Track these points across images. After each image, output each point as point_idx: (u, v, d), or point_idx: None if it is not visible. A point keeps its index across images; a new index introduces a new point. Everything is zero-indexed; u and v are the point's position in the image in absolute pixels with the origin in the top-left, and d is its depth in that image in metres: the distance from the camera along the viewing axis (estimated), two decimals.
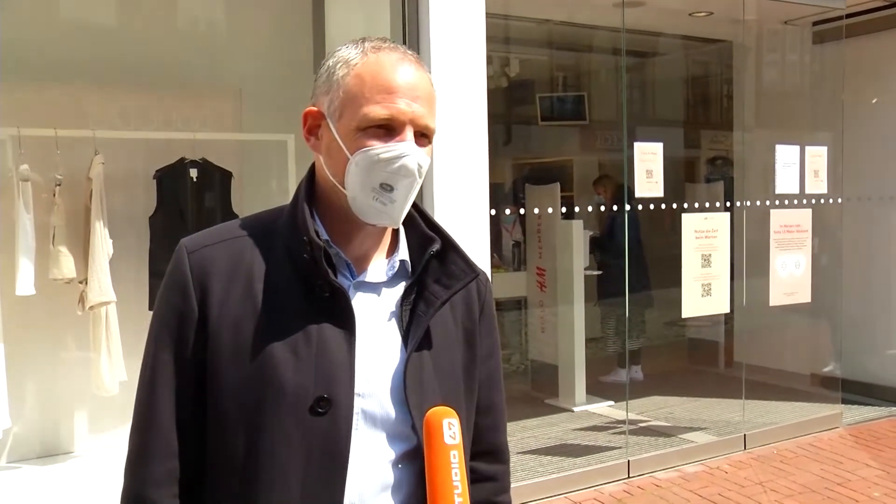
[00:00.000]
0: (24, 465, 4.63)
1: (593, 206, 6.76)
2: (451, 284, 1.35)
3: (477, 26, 4.19)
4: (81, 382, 4.61)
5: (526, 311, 7.40)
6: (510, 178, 9.59)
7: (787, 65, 7.39)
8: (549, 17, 6.98)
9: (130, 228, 4.66)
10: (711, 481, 5.01)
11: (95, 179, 4.32)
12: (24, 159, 4.20)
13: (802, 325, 6.57)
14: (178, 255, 1.31)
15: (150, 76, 4.81)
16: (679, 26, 7.36)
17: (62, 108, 4.56)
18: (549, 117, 9.06)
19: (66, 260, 4.27)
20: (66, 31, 4.79)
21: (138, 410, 1.30)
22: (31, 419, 4.70)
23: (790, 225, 5.68)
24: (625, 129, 5.32)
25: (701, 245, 5.24)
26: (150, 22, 5.01)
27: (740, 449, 5.56)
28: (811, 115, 6.79)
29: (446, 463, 1.20)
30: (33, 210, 4.21)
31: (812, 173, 5.78)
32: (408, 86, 1.27)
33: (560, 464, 5.15)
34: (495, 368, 1.50)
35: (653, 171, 5.04)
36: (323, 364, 1.24)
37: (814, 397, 6.47)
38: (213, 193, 4.76)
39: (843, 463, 5.29)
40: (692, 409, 6.43)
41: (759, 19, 6.63)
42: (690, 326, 7.95)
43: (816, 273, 5.89)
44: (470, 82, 4.17)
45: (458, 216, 4.11)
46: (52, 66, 4.57)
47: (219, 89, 5.15)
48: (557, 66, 9.43)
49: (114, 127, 4.68)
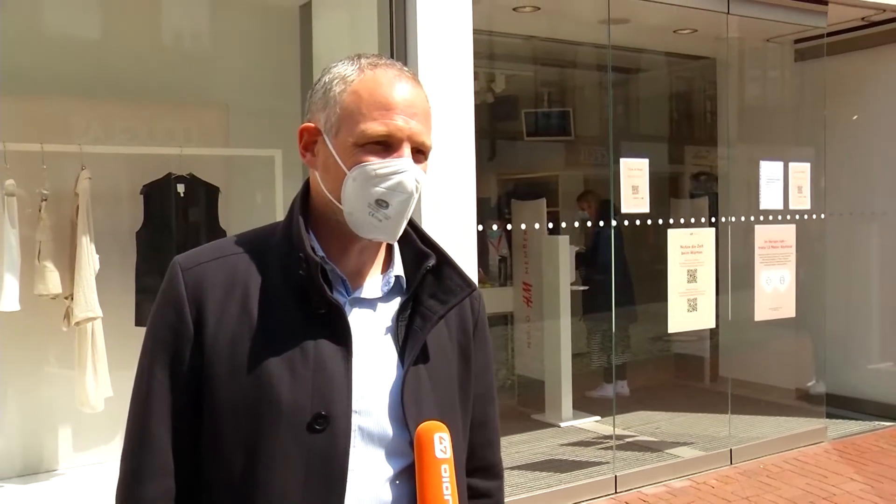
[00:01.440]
0: (5, 483, 4.57)
1: (579, 222, 6.79)
2: (446, 300, 1.35)
3: (464, 42, 4.21)
4: (66, 399, 4.57)
5: (512, 326, 7.40)
6: (496, 193, 9.61)
7: (770, 82, 7.47)
8: (534, 33, 7.02)
9: (117, 244, 4.63)
10: (698, 496, 5.01)
11: (82, 194, 4.30)
12: (10, 174, 4.18)
13: (787, 340, 6.61)
14: (173, 272, 1.30)
15: (136, 91, 4.80)
16: (663, 43, 7.43)
17: (48, 123, 4.54)
18: (534, 133, 9.09)
19: (51, 275, 4.24)
20: (53, 45, 4.77)
21: (132, 428, 1.29)
22: (14, 436, 4.65)
23: (775, 240, 5.72)
24: (611, 144, 5.35)
25: (686, 260, 5.27)
26: (137, 36, 5.00)
27: (727, 463, 5.57)
28: (794, 132, 6.86)
29: (437, 477, 1.20)
30: (18, 225, 4.18)
31: (796, 189, 5.83)
32: (405, 102, 1.27)
33: (547, 479, 5.14)
34: (490, 383, 1.51)
35: (639, 187, 5.07)
36: (320, 381, 1.24)
37: (799, 412, 6.50)
38: (200, 208, 4.75)
39: (829, 477, 5.31)
40: (679, 423, 6.45)
41: (742, 37, 6.70)
42: (676, 341, 7.98)
43: (800, 288, 5.93)
44: (457, 97, 4.19)
45: (446, 231, 4.11)
46: (38, 80, 4.56)
47: (206, 104, 5.15)
48: (543, 82, 9.47)
49: (100, 142, 4.66)
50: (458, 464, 1.33)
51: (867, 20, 6.44)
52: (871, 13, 6.28)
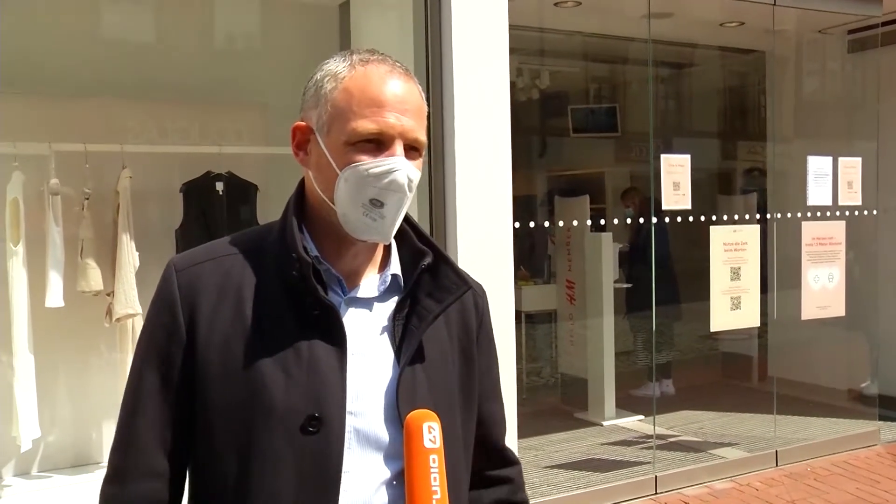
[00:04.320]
0: (55, 475, 4.68)
1: (622, 219, 6.70)
2: (443, 298, 1.33)
3: (500, 38, 4.17)
4: (110, 393, 4.65)
5: (556, 324, 7.35)
6: (543, 190, 9.55)
7: (822, 74, 7.28)
8: (579, 28, 6.95)
9: (156, 241, 4.69)
10: (741, 499, 4.90)
11: (122, 193, 4.37)
12: (55, 173, 4.27)
13: (837, 340, 6.43)
14: (167, 273, 1.30)
15: (176, 90, 4.86)
16: (710, 37, 7.28)
17: (91, 123, 4.62)
18: (581, 129, 9.01)
19: (93, 272, 4.32)
20: (95, 46, 4.86)
21: (120, 428, 1.30)
22: (61, 429, 4.75)
23: (823, 237, 5.57)
24: (651, 140, 5.27)
25: (730, 258, 5.16)
26: (176, 37, 5.07)
27: (772, 465, 5.44)
28: (846, 126, 6.66)
29: (425, 467, 1.18)
30: (63, 223, 4.27)
31: (846, 184, 5.67)
32: (396, 99, 1.25)
33: (587, 479, 5.09)
34: (495, 381, 1.50)
35: (680, 183, 4.98)
36: (314, 382, 1.23)
37: (850, 413, 6.32)
38: (239, 206, 4.79)
39: (881, 482, 5.15)
40: (723, 424, 6.32)
41: (793, 29, 6.55)
42: (723, 340, 7.82)
43: (851, 286, 5.76)
44: (493, 94, 4.16)
45: (482, 228, 4.09)
46: (81, 80, 4.65)
47: (244, 103, 5.19)
48: (590, 78, 9.39)
49: (141, 141, 4.73)
50: (456, 463, 1.31)
51: None
52: None
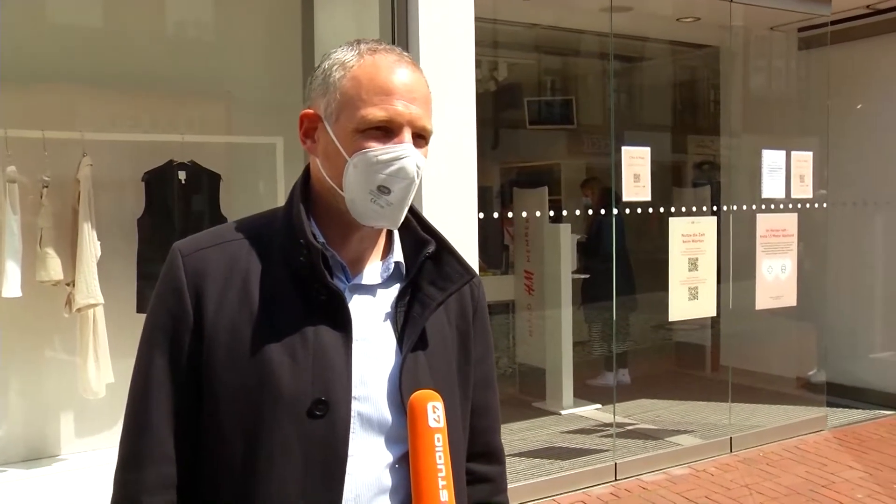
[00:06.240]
0: (9, 469, 4.58)
1: (581, 210, 6.78)
2: (445, 286, 1.35)
3: (466, 29, 4.20)
4: (68, 385, 4.58)
5: (514, 314, 7.41)
6: (498, 181, 9.60)
7: (774, 70, 7.44)
8: (537, 21, 7.00)
9: (118, 230, 4.63)
10: (698, 484, 5.03)
11: (83, 181, 4.30)
12: (11, 161, 4.17)
13: (788, 329, 6.61)
14: (173, 258, 1.30)
15: (138, 78, 4.78)
16: (667, 31, 7.40)
17: (50, 110, 4.53)
18: (537, 121, 9.08)
19: (53, 262, 4.23)
20: (54, 32, 4.76)
21: (131, 414, 1.28)
22: (16, 422, 4.66)
23: (776, 229, 5.71)
24: (612, 133, 5.34)
25: (688, 249, 5.26)
26: (138, 24, 4.98)
27: (727, 451, 5.59)
28: (797, 121, 6.84)
29: (430, 446, 1.19)
30: (20, 211, 4.18)
31: (798, 178, 5.82)
32: (405, 87, 1.27)
33: (547, 466, 5.16)
34: (489, 370, 1.51)
35: (640, 175, 5.06)
36: (320, 367, 1.24)
37: (799, 400, 6.51)
38: (201, 196, 4.74)
39: (828, 465, 5.33)
40: (679, 412, 6.46)
41: (746, 25, 6.68)
42: (678, 330, 7.98)
43: (802, 277, 5.93)
44: (459, 85, 4.18)
45: (447, 219, 4.11)
46: (40, 67, 4.54)
47: (207, 92, 5.13)
48: (545, 70, 9.45)
49: (102, 129, 4.64)
50: (456, 449, 1.33)
51: (872, 8, 6.41)
52: (877, 1, 6.25)
